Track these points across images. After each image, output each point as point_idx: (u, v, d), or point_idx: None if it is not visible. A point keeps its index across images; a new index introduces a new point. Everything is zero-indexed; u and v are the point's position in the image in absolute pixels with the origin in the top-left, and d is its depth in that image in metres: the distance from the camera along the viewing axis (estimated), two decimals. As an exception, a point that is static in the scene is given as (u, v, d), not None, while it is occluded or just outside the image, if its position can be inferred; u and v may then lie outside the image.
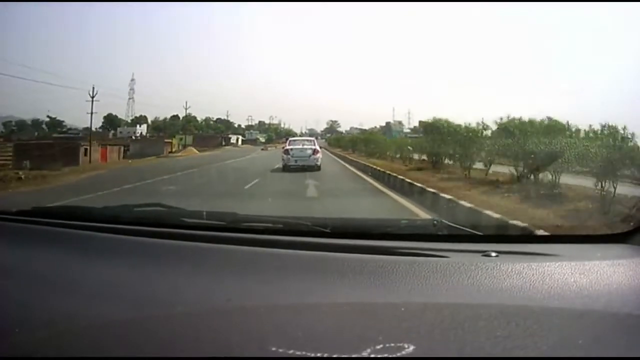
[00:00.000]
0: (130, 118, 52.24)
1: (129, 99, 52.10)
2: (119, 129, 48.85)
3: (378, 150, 22.97)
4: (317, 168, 14.96)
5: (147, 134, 49.15)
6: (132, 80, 54.44)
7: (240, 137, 54.33)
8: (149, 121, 52.36)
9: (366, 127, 53.62)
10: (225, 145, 46.12)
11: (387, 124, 52.42)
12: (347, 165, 19.35)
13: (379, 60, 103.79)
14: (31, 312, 1.00)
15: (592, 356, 0.72)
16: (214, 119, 57.68)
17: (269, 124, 64.19)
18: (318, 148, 16.13)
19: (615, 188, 5.38)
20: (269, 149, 41.30)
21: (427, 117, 14.86)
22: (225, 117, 58.76)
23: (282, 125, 67.18)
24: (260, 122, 64.24)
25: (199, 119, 53.97)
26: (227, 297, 1.03)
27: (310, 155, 15.36)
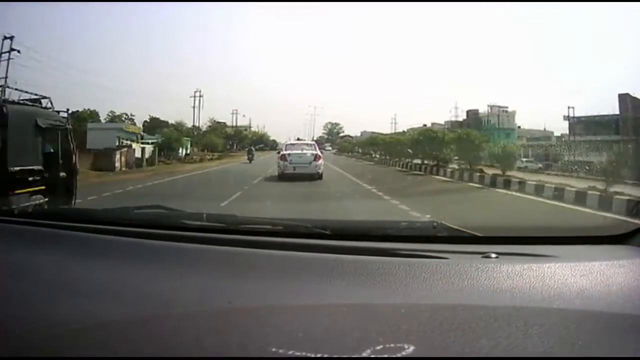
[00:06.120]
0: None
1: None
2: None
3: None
4: (318, 177, 13.39)
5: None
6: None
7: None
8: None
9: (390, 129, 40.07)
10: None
11: (474, 114, 31.80)
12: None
13: (391, 53, 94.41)
14: (31, 313, 1.00)
15: (592, 356, 0.72)
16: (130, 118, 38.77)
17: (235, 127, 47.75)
18: (320, 153, 14.54)
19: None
20: None
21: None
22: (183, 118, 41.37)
23: (255, 129, 53.86)
24: (219, 122, 47.68)
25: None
26: (227, 298, 1.03)
27: (311, 162, 13.74)
